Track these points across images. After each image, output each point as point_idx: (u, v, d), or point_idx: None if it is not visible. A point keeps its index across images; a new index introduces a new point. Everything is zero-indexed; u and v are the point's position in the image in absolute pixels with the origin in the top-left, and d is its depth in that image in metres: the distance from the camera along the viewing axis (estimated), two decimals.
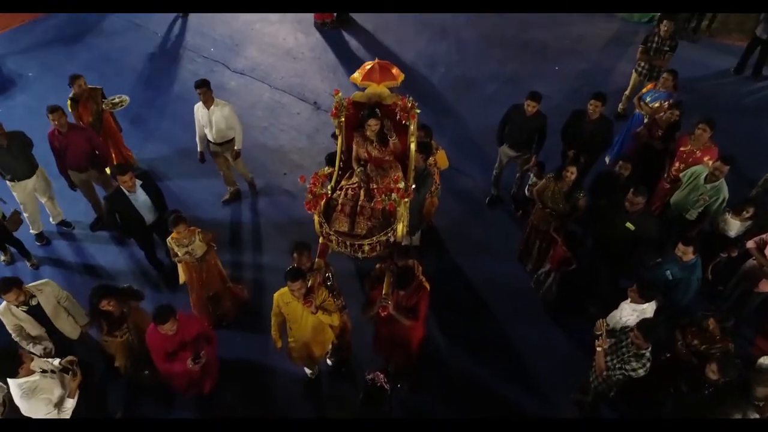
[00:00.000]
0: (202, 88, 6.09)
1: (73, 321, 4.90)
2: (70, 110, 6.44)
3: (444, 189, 6.59)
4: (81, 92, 6.46)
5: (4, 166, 5.91)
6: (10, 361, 3.88)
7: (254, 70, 9.24)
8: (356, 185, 5.13)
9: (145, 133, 8.07)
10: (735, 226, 5.37)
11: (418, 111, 5.11)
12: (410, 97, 5.12)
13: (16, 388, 3.94)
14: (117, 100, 6.82)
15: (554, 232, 5.56)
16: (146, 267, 6.28)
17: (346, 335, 5.31)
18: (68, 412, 4.08)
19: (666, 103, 6.38)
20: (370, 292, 4.66)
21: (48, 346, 4.78)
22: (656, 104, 6.48)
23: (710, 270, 5.42)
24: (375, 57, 5.30)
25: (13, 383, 3.95)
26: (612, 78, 8.80)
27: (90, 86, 6.58)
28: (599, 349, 4.34)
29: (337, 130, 5.36)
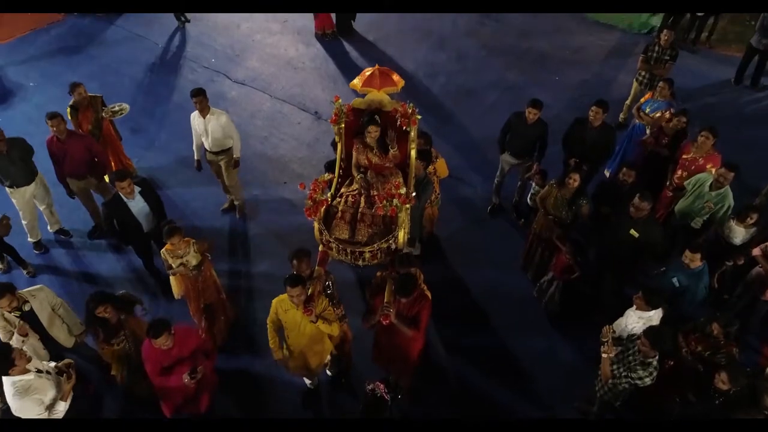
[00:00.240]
0: (198, 97, 6.05)
1: (68, 329, 4.82)
2: (70, 118, 6.41)
3: (445, 198, 6.55)
4: (81, 100, 6.44)
5: (3, 173, 5.87)
6: (2, 359, 3.85)
7: (255, 80, 9.25)
8: (356, 192, 5.10)
9: (145, 142, 8.05)
10: (740, 233, 5.32)
11: (419, 117, 5.09)
12: (411, 103, 5.10)
13: (9, 386, 3.92)
14: (117, 108, 6.80)
15: (557, 240, 5.51)
16: (144, 276, 6.22)
17: (346, 345, 5.23)
18: (60, 415, 4.02)
19: (667, 113, 6.37)
20: (372, 301, 4.59)
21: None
22: (657, 114, 6.46)
23: (716, 278, 5.35)
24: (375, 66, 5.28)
25: (7, 381, 3.93)
26: (612, 88, 8.81)
27: (90, 94, 6.56)
28: (605, 356, 4.25)
29: (337, 137, 5.33)
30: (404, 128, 5.11)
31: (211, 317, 5.49)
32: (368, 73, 5.15)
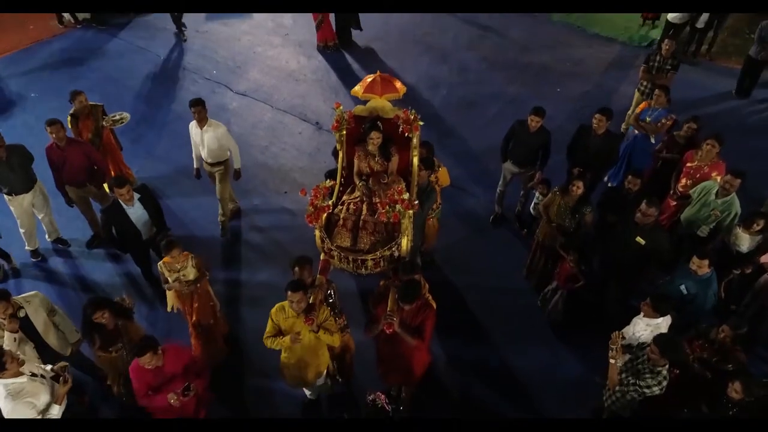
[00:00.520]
0: (197, 107, 6.02)
1: (64, 337, 4.72)
2: (70, 126, 6.40)
3: (447, 208, 6.48)
4: (81, 108, 6.43)
5: (2, 179, 5.82)
6: None
7: (256, 92, 9.26)
8: (358, 200, 5.04)
9: (146, 152, 8.02)
10: (746, 240, 5.26)
11: (422, 123, 5.05)
12: (412, 110, 5.06)
13: (2, 388, 3.85)
14: (117, 117, 6.79)
15: (560, 249, 5.44)
16: (142, 285, 6.15)
17: (348, 356, 5.13)
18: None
19: (669, 121, 6.34)
20: (375, 310, 4.49)
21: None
22: (660, 122, 6.43)
23: (723, 287, 5.26)
24: None
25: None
26: (614, 99, 8.79)
27: (91, 103, 6.55)
28: (612, 362, 4.15)
29: (338, 145, 5.29)
30: (406, 135, 5.07)
31: (206, 335, 5.34)
32: (369, 80, 5.14)
